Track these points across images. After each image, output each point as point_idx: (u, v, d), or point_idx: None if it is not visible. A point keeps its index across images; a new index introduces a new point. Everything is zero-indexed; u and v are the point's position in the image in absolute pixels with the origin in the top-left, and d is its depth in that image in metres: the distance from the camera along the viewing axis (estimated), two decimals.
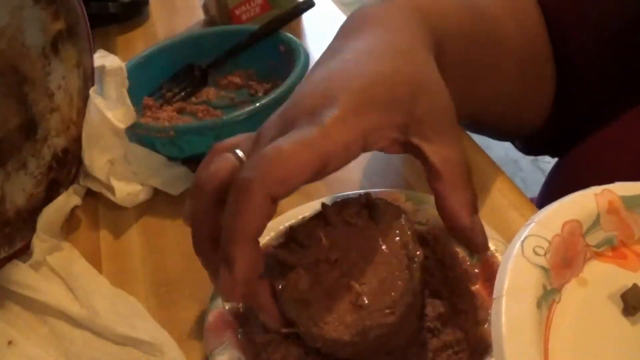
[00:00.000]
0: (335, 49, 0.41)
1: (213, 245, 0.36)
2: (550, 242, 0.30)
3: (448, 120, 0.37)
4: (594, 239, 0.32)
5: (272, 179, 0.32)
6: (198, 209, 0.37)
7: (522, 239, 0.29)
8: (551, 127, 0.60)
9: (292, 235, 0.39)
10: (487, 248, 0.37)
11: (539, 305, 0.27)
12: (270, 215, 0.33)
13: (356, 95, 0.35)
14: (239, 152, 0.38)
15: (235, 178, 0.33)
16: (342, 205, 0.40)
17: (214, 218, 0.36)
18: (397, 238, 0.37)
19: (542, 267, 0.29)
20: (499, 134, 0.65)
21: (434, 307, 0.38)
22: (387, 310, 0.35)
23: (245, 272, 0.32)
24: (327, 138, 0.33)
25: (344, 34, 0.43)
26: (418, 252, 0.37)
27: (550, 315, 0.28)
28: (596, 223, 0.32)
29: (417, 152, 0.36)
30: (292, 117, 0.35)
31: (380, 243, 0.37)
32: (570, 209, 0.32)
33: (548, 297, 0.28)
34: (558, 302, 0.29)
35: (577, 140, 0.56)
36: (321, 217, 0.39)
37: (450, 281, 0.41)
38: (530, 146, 0.66)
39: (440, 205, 0.36)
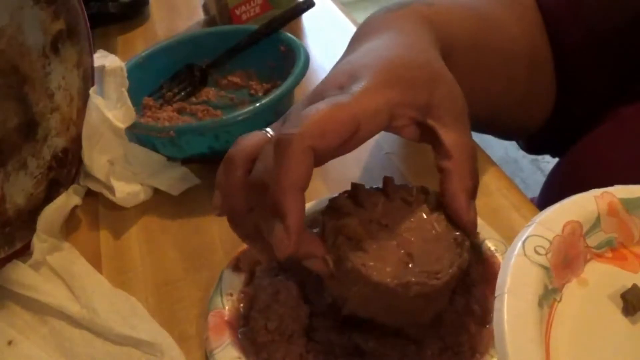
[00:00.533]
0: (350, 50, 0.43)
1: (247, 214, 0.38)
2: (551, 242, 0.30)
3: (461, 110, 0.39)
4: (594, 240, 0.32)
5: (312, 132, 0.33)
6: (230, 182, 0.38)
7: (523, 238, 0.30)
8: (552, 127, 0.60)
9: (353, 193, 0.40)
10: (476, 235, 0.39)
11: (540, 303, 0.27)
12: (312, 169, 0.34)
13: (381, 74, 0.37)
14: (269, 130, 0.39)
15: (276, 137, 0.34)
16: (401, 185, 0.41)
17: (246, 188, 0.37)
18: (449, 224, 0.39)
19: (543, 267, 0.29)
20: (504, 134, 0.65)
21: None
22: (434, 275, 0.36)
23: (298, 220, 0.33)
24: (358, 103, 0.35)
25: (356, 39, 0.45)
26: (466, 239, 0.38)
27: (552, 314, 0.28)
28: (596, 225, 0.32)
29: (431, 135, 0.38)
30: (320, 94, 0.37)
31: (433, 223, 0.39)
32: (571, 210, 0.32)
33: (549, 296, 0.29)
34: (559, 302, 0.29)
35: (576, 139, 0.56)
36: (381, 190, 0.41)
37: (467, 279, 0.41)
38: (532, 145, 0.66)
39: (443, 185, 0.37)
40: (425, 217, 0.39)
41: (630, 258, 0.32)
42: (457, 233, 0.38)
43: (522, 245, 0.29)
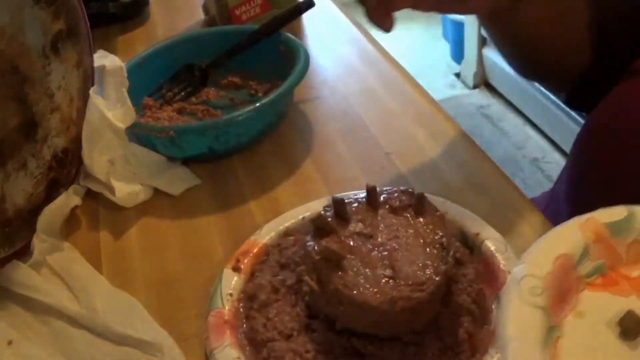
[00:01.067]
0: None
1: None
2: (544, 280, 0.30)
3: None
4: (584, 269, 0.33)
5: None
6: None
7: (516, 281, 0.31)
8: (588, 80, 0.60)
9: (335, 208, 0.40)
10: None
11: (543, 344, 0.28)
12: None
13: None
14: None
15: None
16: (386, 190, 0.42)
17: None
18: (435, 228, 0.39)
19: (541, 307, 0.29)
20: (546, 76, 0.64)
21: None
22: (418, 287, 0.36)
23: None
24: None
25: None
26: (452, 245, 0.38)
27: (555, 352, 0.29)
28: (585, 254, 0.33)
29: None
30: None
31: (419, 229, 0.39)
32: (557, 244, 0.33)
33: (551, 335, 0.29)
34: (561, 338, 0.30)
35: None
36: (367, 198, 0.41)
37: (464, 279, 0.41)
38: (572, 99, 0.66)
39: None
40: (410, 222, 0.40)
41: (621, 282, 0.33)
42: (445, 238, 0.38)
43: (517, 288, 0.30)
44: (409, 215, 0.40)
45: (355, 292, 0.35)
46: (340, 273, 0.36)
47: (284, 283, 0.42)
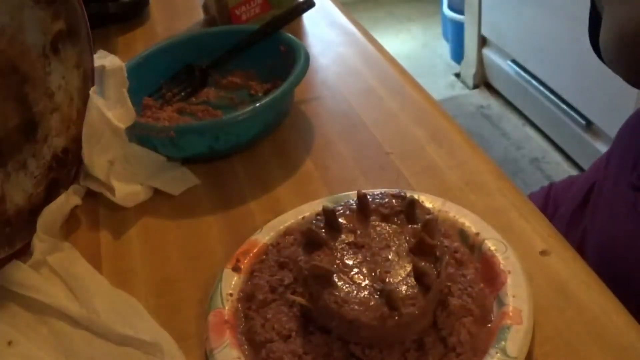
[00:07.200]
0: None
1: None
2: None
3: None
4: None
5: None
6: None
7: None
8: None
9: (326, 218, 0.40)
10: None
11: None
12: None
13: None
14: None
15: None
16: (378, 195, 0.41)
17: None
18: (428, 236, 0.38)
19: None
20: None
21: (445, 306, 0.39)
22: (409, 301, 0.35)
23: None
24: None
25: None
26: (446, 253, 0.38)
27: None
28: None
29: None
30: None
31: (408, 236, 0.39)
32: None
33: None
34: None
35: None
36: (359, 206, 0.41)
37: (464, 279, 0.41)
38: None
39: None
40: (401, 230, 0.39)
41: None
42: (438, 246, 0.38)
43: None
44: (400, 222, 0.40)
45: (345, 309, 0.35)
46: (329, 289, 0.36)
47: (282, 282, 0.43)
